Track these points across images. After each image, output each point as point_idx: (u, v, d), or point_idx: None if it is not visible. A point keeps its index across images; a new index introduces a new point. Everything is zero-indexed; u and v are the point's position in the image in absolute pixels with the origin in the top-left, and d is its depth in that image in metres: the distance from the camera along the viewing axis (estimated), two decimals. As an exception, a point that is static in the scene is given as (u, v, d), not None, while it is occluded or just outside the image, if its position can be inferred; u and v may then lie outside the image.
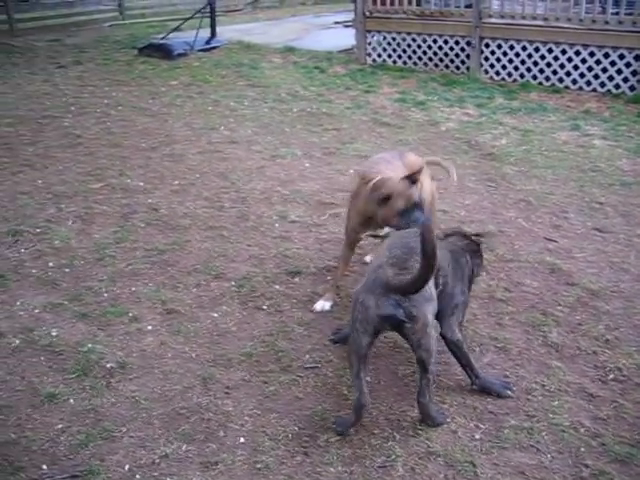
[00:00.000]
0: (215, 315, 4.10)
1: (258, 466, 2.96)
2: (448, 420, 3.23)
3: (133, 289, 4.40)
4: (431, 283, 3.03)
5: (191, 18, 13.46)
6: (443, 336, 3.36)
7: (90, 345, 3.78)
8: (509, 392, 3.41)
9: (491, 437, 3.13)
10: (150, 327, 3.98)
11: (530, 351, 3.76)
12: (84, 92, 9.87)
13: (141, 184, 6.16)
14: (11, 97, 9.58)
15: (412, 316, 2.95)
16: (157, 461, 2.99)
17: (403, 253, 3.09)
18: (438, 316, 3.25)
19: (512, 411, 3.29)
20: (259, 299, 4.27)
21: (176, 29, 13.57)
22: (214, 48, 12.90)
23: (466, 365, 3.41)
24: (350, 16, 13.84)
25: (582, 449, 3.05)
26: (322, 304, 4.18)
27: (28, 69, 11.73)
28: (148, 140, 7.47)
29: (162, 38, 13.20)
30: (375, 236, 4.09)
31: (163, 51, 12.33)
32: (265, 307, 4.18)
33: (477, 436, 3.14)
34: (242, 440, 3.11)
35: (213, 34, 13.39)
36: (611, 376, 3.55)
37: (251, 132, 7.73)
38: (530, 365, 3.65)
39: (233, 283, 4.45)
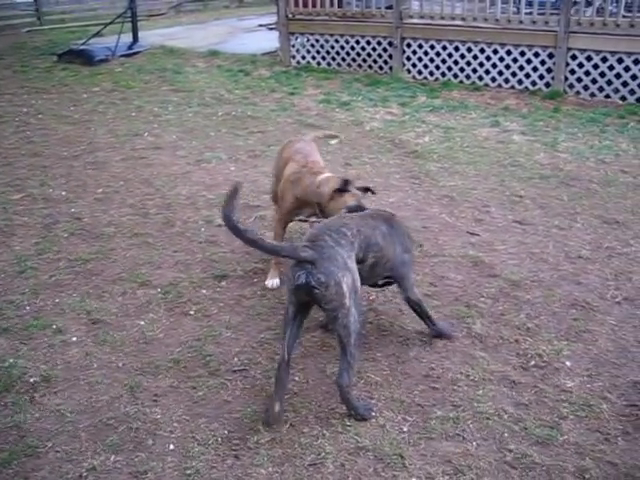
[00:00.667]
0: (141, 323, 4.05)
1: (188, 472, 2.94)
2: (374, 414, 3.27)
3: (57, 300, 4.30)
4: (345, 254, 3.23)
5: (112, 23, 13.23)
6: (406, 300, 3.79)
7: (12, 360, 3.68)
8: (456, 333, 3.92)
9: (418, 429, 3.19)
10: (75, 338, 3.90)
11: (455, 343, 3.85)
12: (1, 100, 9.57)
13: (63, 193, 6.03)
14: None
15: (321, 282, 3.10)
16: (84, 474, 2.94)
17: (318, 230, 3.35)
18: (397, 284, 3.75)
19: (438, 402, 3.37)
20: (186, 305, 4.23)
21: (97, 34, 13.32)
22: (136, 53, 12.71)
23: (426, 318, 3.86)
24: (274, 19, 13.84)
25: (505, 434, 3.14)
26: (272, 281, 4.43)
27: (-62, 78, 11.31)
28: (70, 148, 7.31)
29: (83, 44, 12.92)
30: (304, 221, 4.48)
31: (84, 57, 12.07)
32: (192, 312, 4.15)
33: (405, 429, 3.20)
34: (172, 447, 3.09)
35: (135, 39, 13.18)
36: (532, 363, 3.67)
37: (175, 137, 7.65)
38: (455, 356, 3.73)
39: (159, 290, 4.40)
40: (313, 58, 11.35)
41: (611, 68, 8.73)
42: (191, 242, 5.04)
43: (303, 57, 11.45)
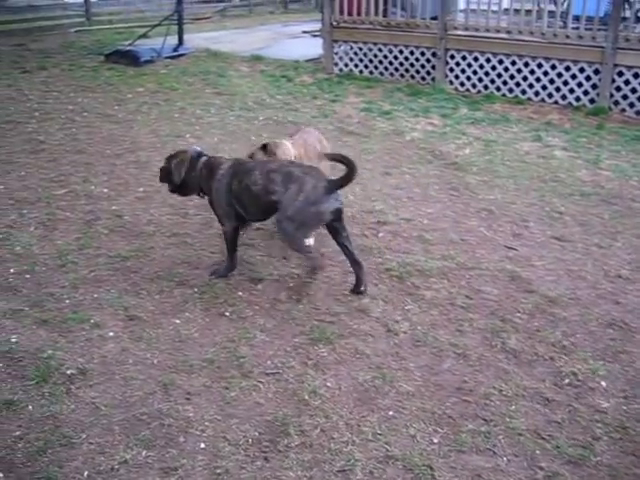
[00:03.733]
0: (177, 321, 4.10)
1: (218, 471, 2.97)
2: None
3: (95, 295, 4.37)
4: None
5: (159, 25, 13.43)
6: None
7: (50, 351, 3.75)
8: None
9: (449, 441, 3.18)
10: (112, 333, 3.96)
11: (489, 357, 3.83)
12: (49, 98, 9.78)
13: (105, 191, 6.13)
14: (-27, 102, 9.47)
15: None
16: (116, 467, 2.98)
17: None
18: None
19: (470, 416, 3.35)
20: (222, 305, 4.27)
21: (143, 36, 13.53)
22: (181, 56, 12.87)
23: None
24: (318, 26, 13.93)
25: (537, 452, 3.11)
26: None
27: (-9, 74, 11.60)
28: (113, 147, 7.44)
29: (129, 45, 13.13)
30: None
31: (130, 58, 12.26)
32: (227, 314, 4.19)
33: (435, 440, 3.19)
34: (202, 445, 3.12)
35: (180, 42, 13.36)
36: (567, 381, 3.63)
37: (217, 140, 7.73)
38: (488, 371, 3.71)
39: (196, 290, 4.45)
40: (356, 66, 11.39)
41: (658, 86, 8.62)
42: (229, 244, 5.08)
43: (346, 65, 11.49)
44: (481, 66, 10.01)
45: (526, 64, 9.59)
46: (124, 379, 3.57)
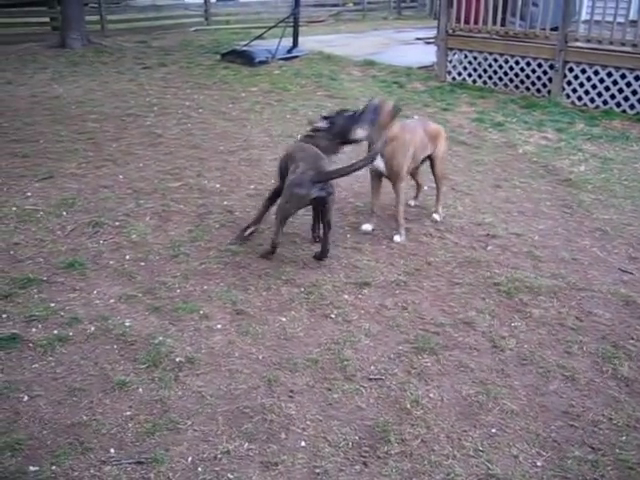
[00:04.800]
0: (283, 319, 4.16)
1: (317, 471, 2.99)
2: None
3: (205, 287, 4.50)
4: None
5: (274, 27, 13.72)
6: None
7: (161, 338, 3.89)
8: None
9: (553, 466, 3.08)
10: (220, 326, 4.07)
11: (598, 383, 3.69)
12: (167, 93, 10.16)
13: (217, 186, 6.30)
14: (98, 94, 9.95)
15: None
16: (219, 456, 3.06)
17: None
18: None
19: (576, 442, 3.24)
20: (327, 307, 4.31)
21: (259, 37, 13.84)
22: (295, 57, 13.09)
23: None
24: (431, 33, 13.84)
25: (648, 487, 2.98)
26: (366, 226, 5.44)
27: (116, 68, 12.17)
28: (226, 143, 7.64)
29: (245, 45, 13.48)
30: None
31: (245, 58, 12.58)
32: (333, 316, 4.22)
33: (539, 463, 3.10)
34: (303, 444, 3.16)
35: (295, 44, 13.59)
36: (683, 416, 3.45)
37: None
38: (598, 397, 3.57)
39: (302, 289, 4.51)
40: (469, 75, 11.23)
41: None
42: (336, 246, 5.10)
43: (459, 73, 11.35)
44: (601, 80, 9.65)
45: (651, 80, 9.18)
46: (229, 371, 3.65)
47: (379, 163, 5.10)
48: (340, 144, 5.08)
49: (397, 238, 5.29)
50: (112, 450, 3.07)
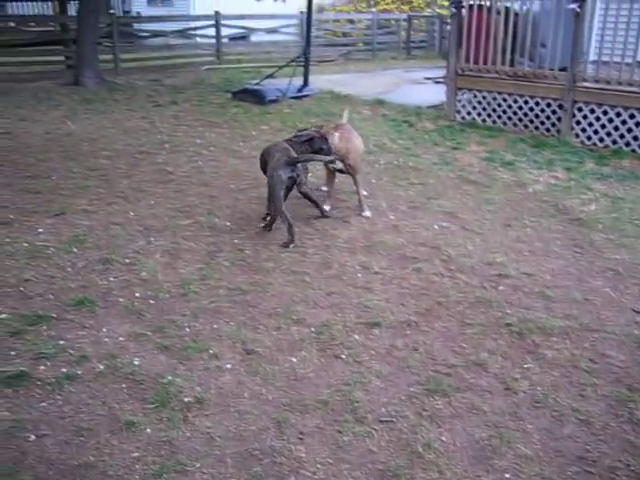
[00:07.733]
0: (293, 359, 4.12)
1: (328, 517, 2.94)
2: None
3: (215, 326, 4.48)
4: None
5: (285, 66, 13.88)
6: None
7: (170, 377, 3.86)
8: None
9: (569, 513, 3.02)
10: (229, 365, 4.03)
11: (614, 427, 3.61)
12: (178, 131, 10.27)
13: (228, 224, 6.32)
14: (111, 131, 10.07)
15: None
16: (228, 500, 3.01)
17: None
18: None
19: (593, 488, 3.17)
20: (338, 347, 4.27)
21: (270, 76, 14.00)
22: (305, 96, 13.22)
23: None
24: (441, 72, 13.97)
25: (667, 537, 2.90)
26: (327, 206, 6.72)
27: (128, 106, 12.33)
28: (237, 181, 7.68)
29: (256, 84, 13.64)
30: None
31: (256, 96, 12.72)
32: (343, 356, 4.18)
33: (554, 510, 3.03)
34: (313, 488, 3.10)
35: (305, 83, 13.74)
36: (701, 462, 3.38)
37: (337, 181, 7.80)
38: (614, 442, 3.50)
39: (313, 329, 4.47)
40: (479, 114, 11.30)
41: None
42: (347, 286, 5.09)
43: (468, 113, 11.43)
44: (610, 120, 9.69)
45: (660, 120, 9.20)
46: (239, 412, 3.61)
47: (338, 164, 6.57)
48: (306, 148, 6.35)
49: (367, 213, 6.65)
50: (119, 493, 3.03)
